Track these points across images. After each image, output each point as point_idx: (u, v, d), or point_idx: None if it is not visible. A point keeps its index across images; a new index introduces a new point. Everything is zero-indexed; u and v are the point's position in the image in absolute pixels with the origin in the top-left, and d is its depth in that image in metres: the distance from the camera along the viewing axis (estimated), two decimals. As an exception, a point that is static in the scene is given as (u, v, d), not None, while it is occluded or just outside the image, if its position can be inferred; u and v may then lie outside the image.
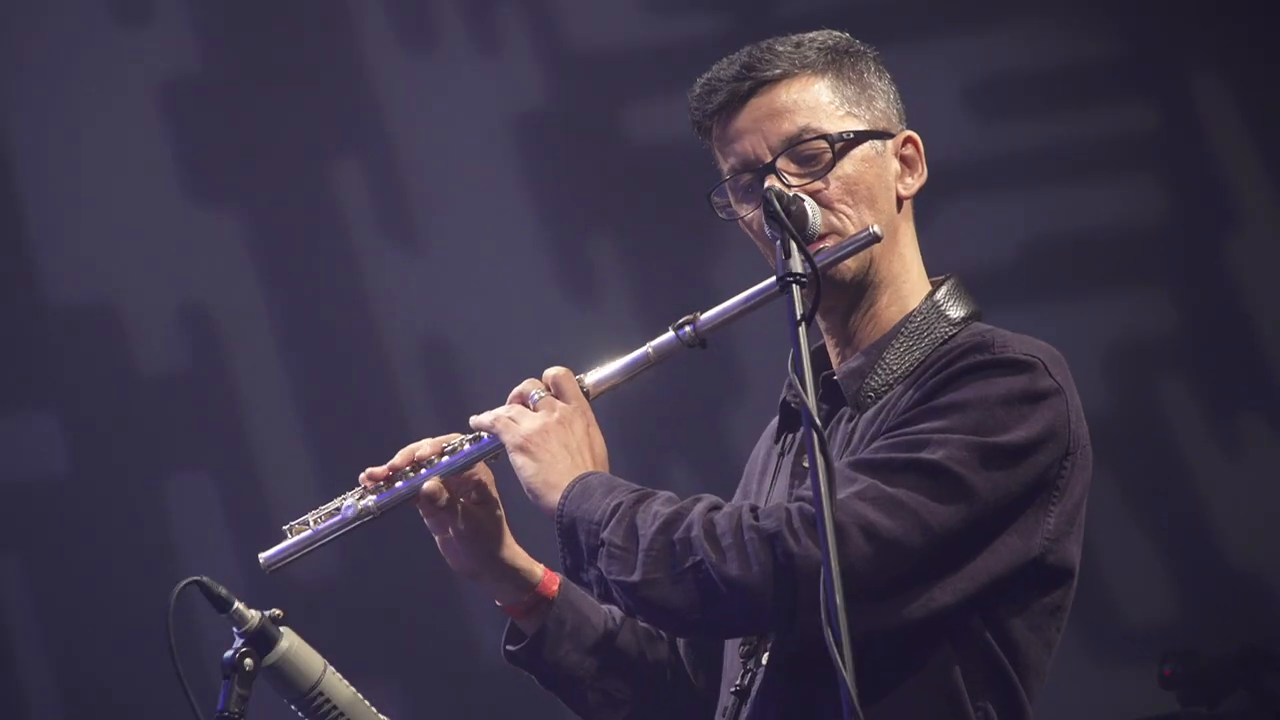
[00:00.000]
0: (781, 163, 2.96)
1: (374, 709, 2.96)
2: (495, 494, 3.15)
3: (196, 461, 5.75)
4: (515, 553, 3.17)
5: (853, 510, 2.71)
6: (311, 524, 3.13)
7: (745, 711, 2.91)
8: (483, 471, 3.13)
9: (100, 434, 5.75)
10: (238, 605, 2.91)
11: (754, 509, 2.78)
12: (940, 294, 3.00)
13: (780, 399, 3.13)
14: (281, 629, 2.92)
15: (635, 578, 2.78)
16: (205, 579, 2.89)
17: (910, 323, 2.97)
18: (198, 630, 4.45)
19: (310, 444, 5.72)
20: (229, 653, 2.90)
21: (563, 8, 5.89)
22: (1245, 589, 5.58)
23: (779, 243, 2.77)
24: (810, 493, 2.73)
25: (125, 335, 5.78)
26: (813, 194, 2.94)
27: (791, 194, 2.88)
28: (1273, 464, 5.62)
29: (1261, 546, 5.59)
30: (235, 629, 2.91)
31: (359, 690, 2.97)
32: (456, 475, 3.10)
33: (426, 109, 5.88)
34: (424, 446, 3.10)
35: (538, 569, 3.19)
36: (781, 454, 3.09)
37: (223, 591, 2.90)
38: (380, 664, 5.59)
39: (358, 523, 3.10)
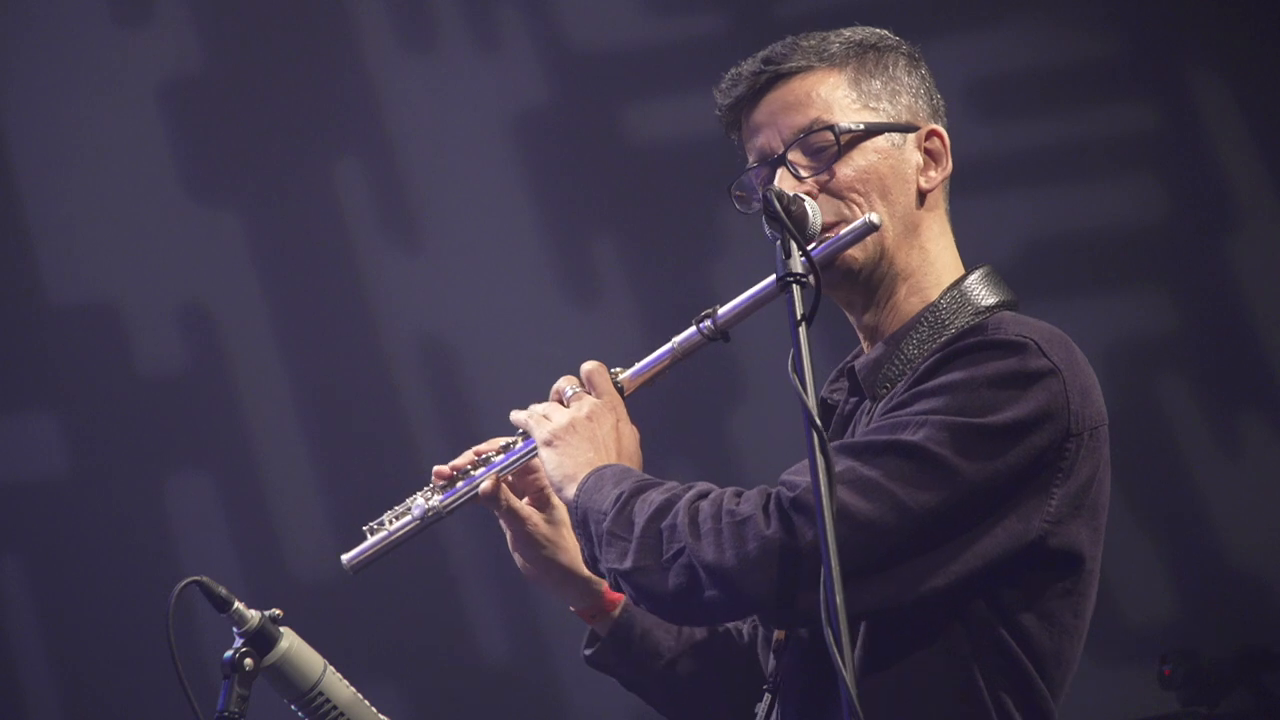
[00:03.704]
0: (793, 154, 2.98)
1: (374, 709, 2.96)
2: (556, 499, 3.18)
3: (196, 461, 5.75)
4: (574, 558, 3.19)
5: None
6: (387, 524, 3.18)
7: (775, 708, 2.93)
8: (544, 476, 3.14)
9: (100, 434, 5.75)
10: (238, 605, 2.91)
11: (737, 493, 2.80)
12: (967, 283, 2.99)
13: (819, 396, 3.12)
14: (281, 629, 2.92)
15: (627, 565, 2.81)
16: (205, 579, 2.89)
17: (932, 313, 2.96)
18: (198, 630, 4.45)
19: (310, 444, 5.72)
20: (229, 653, 2.89)
21: (563, 8, 5.89)
22: (1245, 589, 5.58)
23: (779, 242, 2.77)
24: (791, 475, 2.77)
25: (125, 335, 5.78)
26: (822, 184, 2.95)
27: (792, 194, 2.88)
28: (1273, 464, 5.62)
29: (1261, 546, 5.59)
30: (235, 629, 2.91)
31: (359, 690, 2.97)
32: (518, 475, 3.16)
33: (426, 109, 5.88)
34: (485, 445, 3.16)
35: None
36: None
37: (223, 591, 2.90)
38: (380, 664, 5.59)
39: (426, 522, 3.16)
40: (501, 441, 3.14)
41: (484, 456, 3.15)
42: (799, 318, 2.69)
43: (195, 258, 5.81)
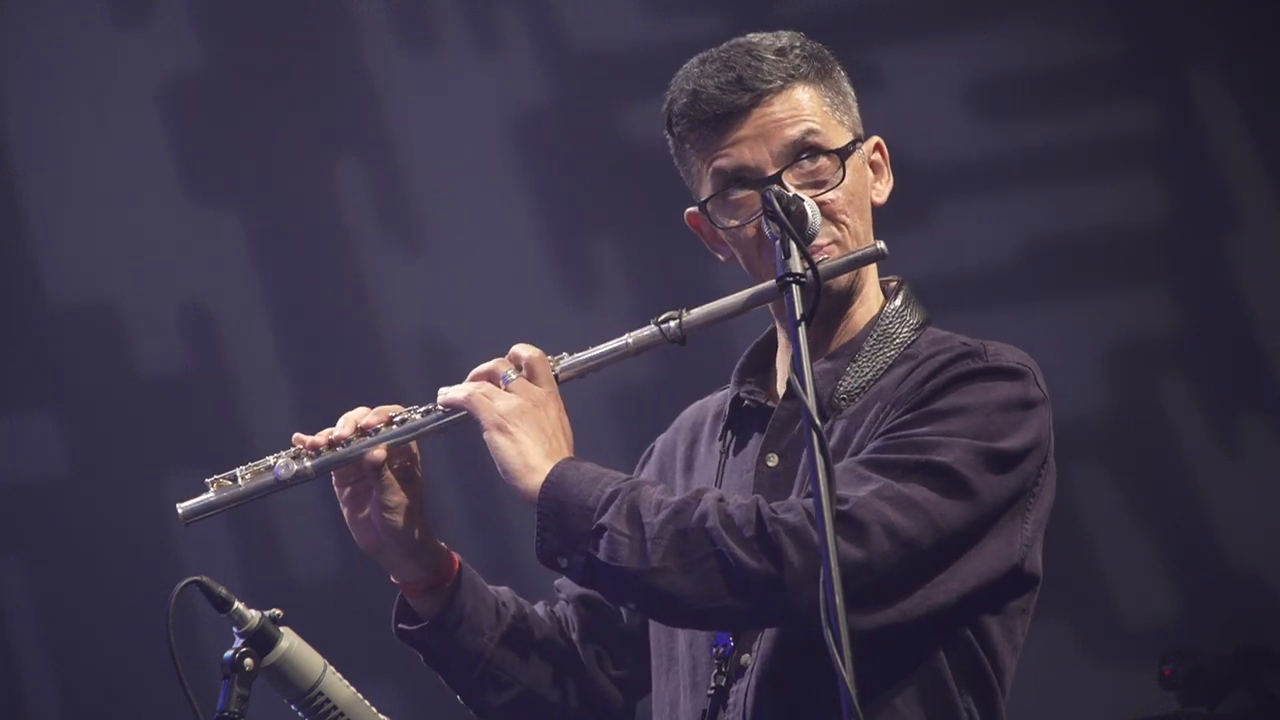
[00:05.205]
0: (785, 175, 2.97)
1: (374, 709, 2.96)
2: (420, 472, 3.10)
3: (196, 461, 5.74)
4: (427, 531, 3.11)
5: (875, 509, 2.74)
6: (240, 480, 3.08)
7: (727, 714, 2.91)
8: (412, 445, 3.08)
9: (100, 434, 5.75)
10: (238, 605, 2.90)
11: (768, 502, 2.79)
12: (899, 300, 3.04)
13: (730, 395, 3.14)
14: (281, 629, 2.92)
15: (641, 565, 2.77)
16: (205, 579, 2.89)
17: (877, 327, 3.01)
18: (198, 630, 4.45)
19: (310, 444, 5.71)
20: (229, 653, 2.89)
21: (563, 8, 5.89)
22: (1245, 589, 5.58)
23: (778, 243, 2.77)
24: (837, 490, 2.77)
25: (125, 335, 5.78)
26: (819, 205, 2.95)
27: (791, 194, 2.88)
28: (1273, 464, 5.62)
29: (1261, 546, 5.59)
30: (235, 629, 2.90)
31: (359, 690, 2.97)
32: (399, 446, 3.05)
33: (426, 109, 5.87)
34: (367, 414, 3.06)
35: (443, 549, 3.14)
36: (725, 452, 3.10)
37: (223, 591, 2.89)
38: (380, 664, 5.59)
39: (292, 485, 3.07)
40: (391, 412, 3.04)
41: (367, 426, 3.04)
42: (799, 318, 2.69)
43: (195, 258, 5.81)
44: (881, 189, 3.08)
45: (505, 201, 5.85)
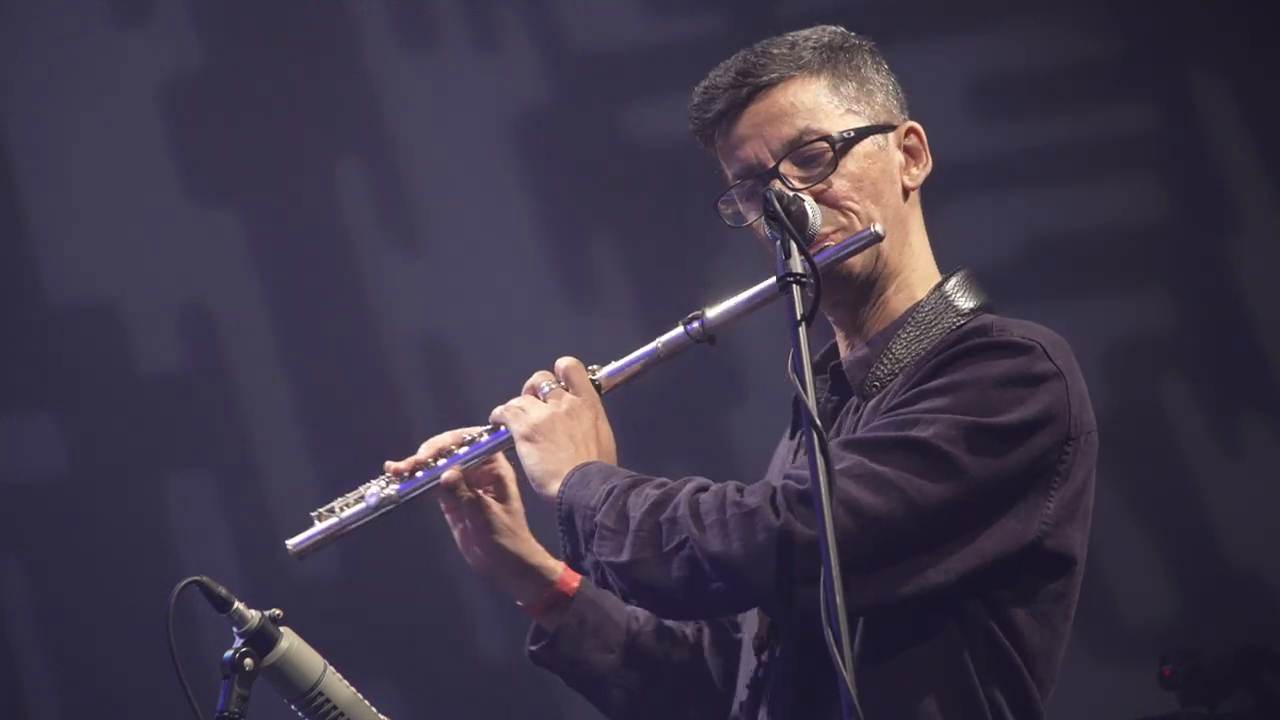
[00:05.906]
0: (784, 167, 2.97)
1: (374, 709, 2.96)
2: (515, 490, 3.18)
3: (196, 461, 5.75)
4: (532, 549, 3.19)
5: (836, 486, 2.71)
6: (337, 511, 3.15)
7: (762, 706, 2.92)
8: (503, 467, 3.17)
9: (100, 434, 5.75)
10: (238, 605, 2.91)
11: (739, 487, 2.79)
12: (949, 285, 3.01)
13: (793, 397, 3.14)
14: (281, 629, 2.92)
15: (624, 558, 2.80)
16: (205, 579, 2.89)
17: (918, 312, 2.98)
18: (198, 630, 4.45)
19: (310, 444, 5.72)
20: (229, 653, 2.89)
21: (563, 8, 5.89)
22: (1245, 589, 5.58)
23: (779, 243, 2.77)
24: (798, 470, 2.77)
25: (125, 335, 5.78)
26: (818, 194, 2.95)
27: (791, 194, 2.88)
28: (1273, 464, 5.62)
29: (1261, 546, 5.59)
30: (235, 629, 2.91)
31: (359, 690, 2.97)
32: (476, 467, 3.13)
33: (426, 109, 5.88)
34: (445, 438, 3.14)
35: (557, 566, 3.21)
36: (795, 449, 3.11)
37: (223, 591, 2.90)
38: (380, 664, 5.59)
39: (381, 510, 3.13)
40: (466, 434, 3.12)
41: (445, 450, 3.13)
42: (799, 318, 2.69)
43: (195, 258, 5.81)
44: (916, 173, 3.06)
45: (505, 201, 5.85)
